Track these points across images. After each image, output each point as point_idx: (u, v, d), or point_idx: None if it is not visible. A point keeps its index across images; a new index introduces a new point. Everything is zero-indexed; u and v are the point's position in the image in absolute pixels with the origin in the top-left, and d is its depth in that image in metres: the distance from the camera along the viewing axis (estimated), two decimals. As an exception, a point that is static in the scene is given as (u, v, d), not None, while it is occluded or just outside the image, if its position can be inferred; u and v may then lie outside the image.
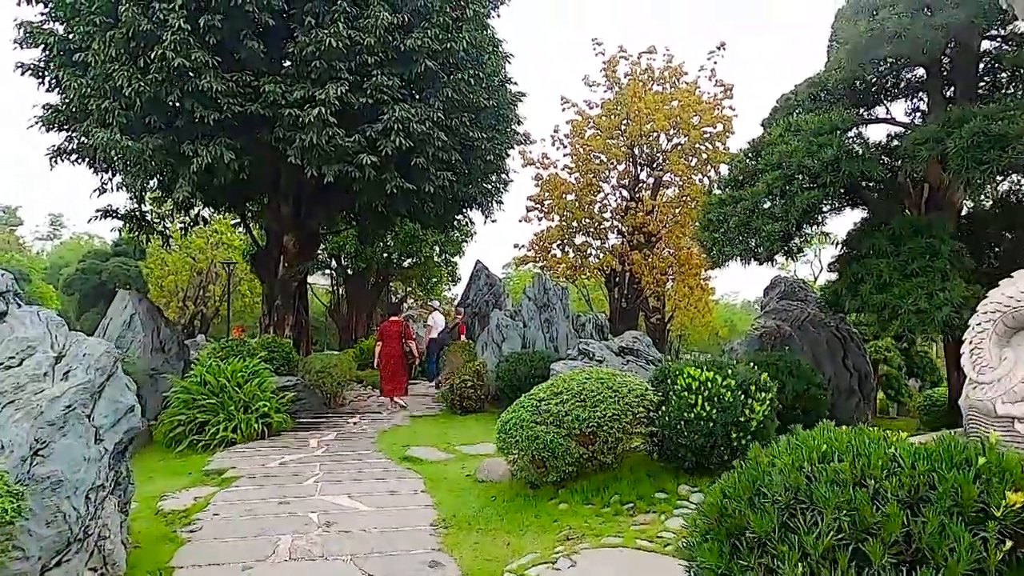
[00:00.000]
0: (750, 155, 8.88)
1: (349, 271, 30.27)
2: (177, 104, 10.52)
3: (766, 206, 8.35)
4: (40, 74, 12.02)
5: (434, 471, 7.29)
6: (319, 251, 28.96)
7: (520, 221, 26.92)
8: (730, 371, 5.87)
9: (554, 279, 28.07)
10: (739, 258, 8.55)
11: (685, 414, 5.59)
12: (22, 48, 11.97)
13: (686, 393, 5.68)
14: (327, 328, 39.68)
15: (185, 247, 36.55)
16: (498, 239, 63.30)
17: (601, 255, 25.82)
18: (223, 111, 10.55)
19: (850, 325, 11.31)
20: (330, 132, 10.75)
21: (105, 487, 4.37)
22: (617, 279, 26.25)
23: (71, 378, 4.25)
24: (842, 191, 8.16)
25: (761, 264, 8.81)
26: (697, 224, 9.63)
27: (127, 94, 10.05)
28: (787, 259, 10.20)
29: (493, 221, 15.40)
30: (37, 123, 12.21)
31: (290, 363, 12.06)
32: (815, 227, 8.74)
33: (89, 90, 10.61)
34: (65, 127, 11.98)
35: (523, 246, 27.01)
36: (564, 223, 24.88)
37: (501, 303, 18.65)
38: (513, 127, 14.41)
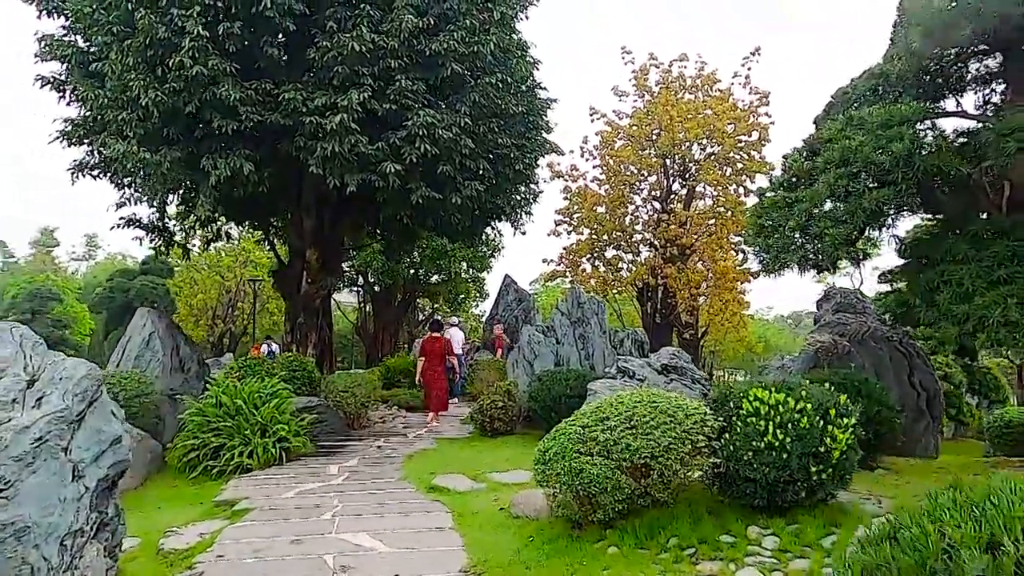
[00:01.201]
0: (805, 154, 8.11)
1: (376, 288, 29.91)
2: (195, 114, 10.13)
3: (827, 207, 7.57)
4: (60, 88, 11.81)
5: (464, 503, 6.59)
6: (346, 268, 28.74)
7: (548, 235, 26.31)
8: (803, 392, 5.09)
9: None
10: (796, 266, 7.75)
11: (753, 443, 4.82)
12: (43, 61, 11.79)
13: (753, 419, 4.92)
14: (353, 345, 39.37)
15: (214, 266, 36.74)
16: (526, 254, 62.59)
17: (633, 268, 25.03)
18: (242, 121, 10.13)
19: (914, 340, 10.37)
20: (352, 140, 10.25)
21: (85, 531, 3.77)
22: (650, 293, 25.39)
23: (44, 405, 3.68)
24: (913, 190, 7.33)
25: (821, 272, 7.99)
26: (747, 231, 8.84)
27: (144, 104, 9.68)
28: (853, 266, 9.36)
29: (523, 233, 14.75)
30: (59, 138, 11.98)
31: (312, 382, 11.50)
32: (881, 230, 7.88)
33: (107, 101, 10.30)
34: (85, 141, 11.71)
35: (552, 260, 26.36)
36: (595, 236, 24.17)
37: (531, 318, 17.94)
38: (543, 135, 13.79)
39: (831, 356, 9.87)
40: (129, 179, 11.40)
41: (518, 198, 13.92)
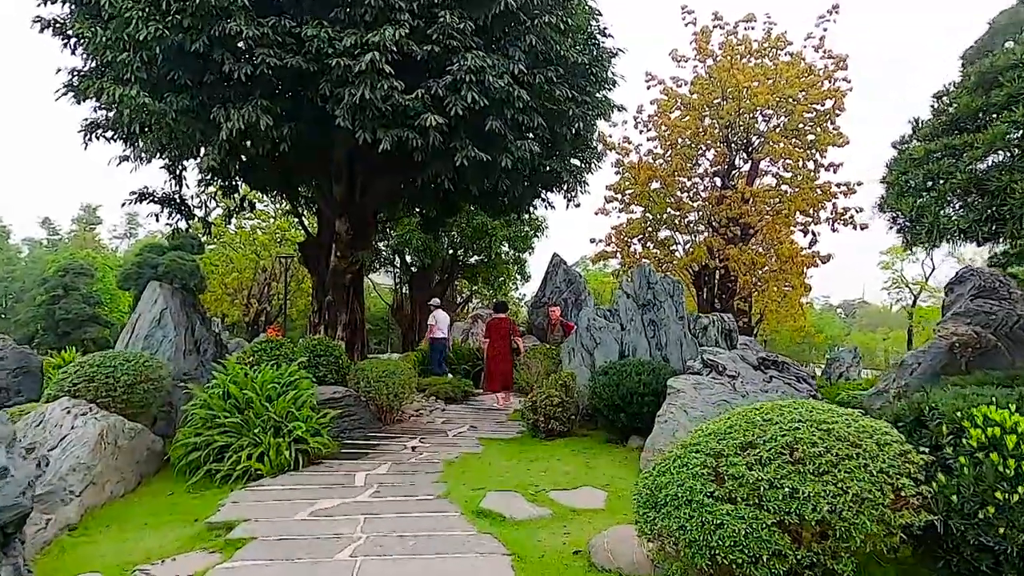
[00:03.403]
0: (973, 88, 6.17)
1: (413, 268, 28.55)
2: (204, 55, 8.66)
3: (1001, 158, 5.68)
4: (63, 32, 10.47)
5: (524, 540, 4.99)
6: (382, 247, 27.39)
7: (596, 214, 24.44)
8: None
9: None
10: (962, 235, 5.89)
11: (995, 493, 3.08)
12: (46, 5, 10.47)
13: (992, 454, 3.18)
14: (390, 329, 38.25)
15: (248, 243, 35.90)
16: (568, 235, 60.53)
17: (690, 250, 23.06)
18: (257, 64, 8.62)
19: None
20: (386, 86, 8.67)
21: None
22: (707, 277, 23.42)
23: None
24: None
25: (997, 241, 6.12)
26: (885, 192, 6.93)
27: (145, 40, 8.24)
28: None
29: (576, 206, 13.09)
30: (64, 92, 10.67)
31: (340, 370, 10.06)
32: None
33: (107, 41, 8.89)
34: (91, 95, 10.36)
35: (600, 240, 24.55)
36: (655, 213, 22.24)
37: (582, 301, 16.25)
38: (605, 92, 11.97)
39: (971, 352, 7.95)
40: (136, 136, 9.97)
41: (576, 163, 12.17)
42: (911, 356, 8.73)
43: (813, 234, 22.34)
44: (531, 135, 10.33)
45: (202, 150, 9.02)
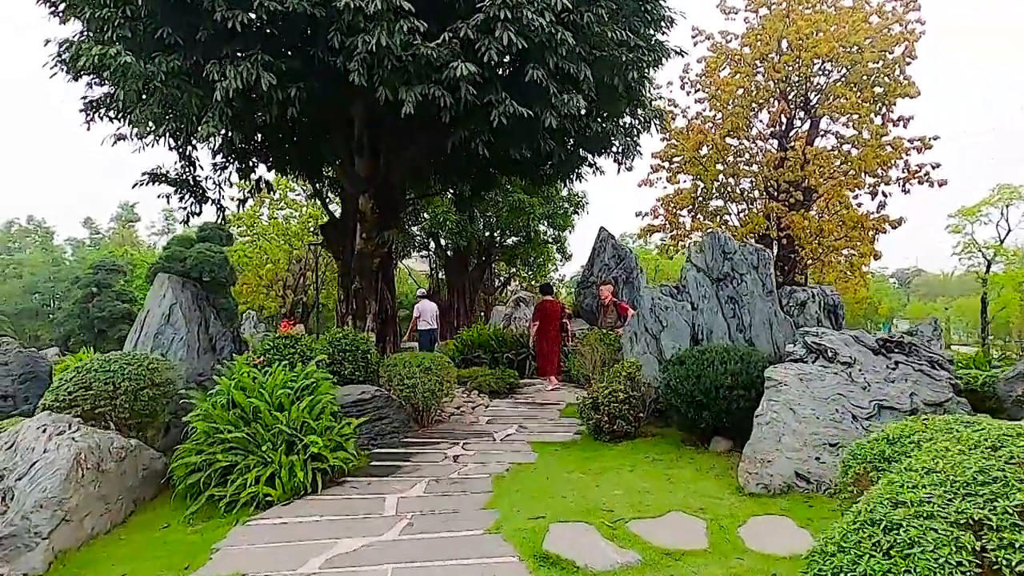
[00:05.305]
0: None
1: (448, 252, 27.29)
2: (194, 4, 7.38)
3: None
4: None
5: (610, 606, 3.63)
6: (416, 231, 26.17)
7: (639, 185, 22.72)
8: None
9: (676, 251, 23.78)
10: None
11: None
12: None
13: None
14: (427, 316, 37.21)
15: (282, 233, 35.16)
16: (608, 213, 58.35)
17: (744, 219, 21.20)
18: (255, 10, 7.31)
19: None
20: (406, 28, 7.26)
21: None
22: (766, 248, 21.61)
23: None
24: None
25: None
26: None
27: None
28: None
29: (628, 170, 11.34)
30: (54, 64, 9.57)
31: (368, 366, 8.82)
32: None
33: (87, -4, 7.71)
34: (78, 63, 9.23)
35: (646, 214, 22.86)
36: (706, 180, 20.45)
37: (634, 279, 14.71)
38: (659, 34, 10.31)
39: None
40: (131, 108, 8.78)
41: (628, 122, 10.59)
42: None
43: (884, 195, 20.27)
44: (577, 88, 8.82)
45: (206, 116, 7.77)
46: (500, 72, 8.03)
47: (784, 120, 20.90)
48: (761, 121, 21.80)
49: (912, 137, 19.91)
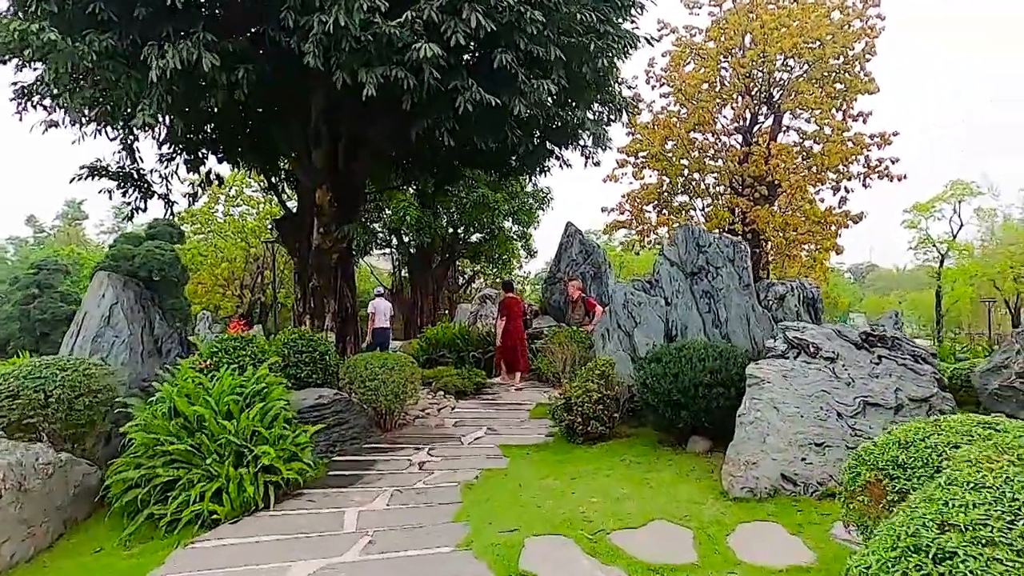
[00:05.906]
0: None
1: (411, 249, 26.68)
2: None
3: None
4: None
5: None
6: (378, 228, 25.48)
7: (604, 181, 22.58)
8: None
9: (642, 247, 23.64)
10: None
11: None
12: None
13: None
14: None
15: (238, 231, 33.98)
16: (573, 209, 58.31)
17: (709, 214, 21.20)
18: (199, -16, 6.75)
19: None
20: (365, 7, 6.78)
21: None
22: (730, 243, 21.62)
23: None
24: None
25: None
26: None
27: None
28: None
29: (596, 164, 11.02)
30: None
31: (327, 368, 8.30)
32: None
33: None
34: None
35: (612, 209, 22.72)
36: (671, 175, 20.34)
37: (602, 275, 14.44)
38: (628, 23, 10.00)
39: None
40: (62, 92, 8.04)
41: (598, 110, 10.27)
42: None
43: (845, 191, 20.49)
44: (546, 75, 8.46)
45: (140, 103, 7.13)
46: (467, 58, 7.60)
47: (748, 115, 20.96)
48: (725, 116, 21.85)
49: (872, 133, 20.17)
